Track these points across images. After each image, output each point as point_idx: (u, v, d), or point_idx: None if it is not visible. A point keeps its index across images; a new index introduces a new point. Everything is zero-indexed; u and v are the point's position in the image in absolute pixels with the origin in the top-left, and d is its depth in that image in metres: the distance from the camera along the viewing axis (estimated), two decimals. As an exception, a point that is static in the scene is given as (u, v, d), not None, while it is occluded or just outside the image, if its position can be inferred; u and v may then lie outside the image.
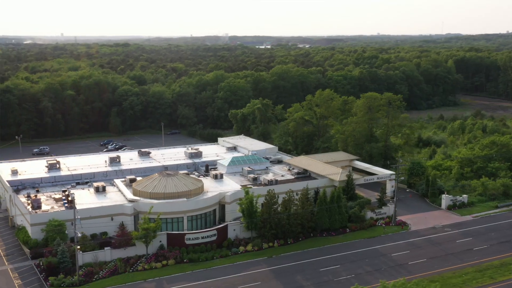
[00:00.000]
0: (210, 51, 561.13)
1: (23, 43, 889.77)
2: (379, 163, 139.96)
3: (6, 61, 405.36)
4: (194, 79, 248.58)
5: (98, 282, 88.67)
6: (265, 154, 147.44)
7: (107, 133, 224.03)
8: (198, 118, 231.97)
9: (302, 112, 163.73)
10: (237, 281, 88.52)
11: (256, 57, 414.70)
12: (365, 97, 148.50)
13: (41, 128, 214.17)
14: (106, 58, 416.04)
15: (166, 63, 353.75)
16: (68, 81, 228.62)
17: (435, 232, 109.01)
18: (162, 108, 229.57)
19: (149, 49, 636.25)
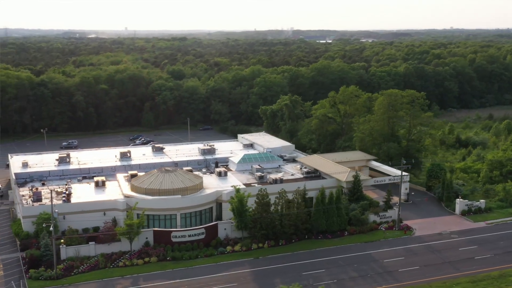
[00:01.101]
0: (266, 46, 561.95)
1: (86, 37, 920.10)
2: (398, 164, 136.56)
3: (58, 55, 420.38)
4: (231, 74, 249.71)
5: (76, 276, 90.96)
6: (281, 152, 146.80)
7: (139, 127, 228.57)
8: (232, 114, 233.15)
9: (325, 109, 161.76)
10: (212, 281, 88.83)
11: (307, 52, 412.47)
12: (385, 94, 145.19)
13: (74, 122, 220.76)
14: (156, 53, 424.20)
15: (214, 57, 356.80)
16: (103, 75, 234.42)
17: (440, 239, 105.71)
18: (196, 103, 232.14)
19: (206, 43, 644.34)
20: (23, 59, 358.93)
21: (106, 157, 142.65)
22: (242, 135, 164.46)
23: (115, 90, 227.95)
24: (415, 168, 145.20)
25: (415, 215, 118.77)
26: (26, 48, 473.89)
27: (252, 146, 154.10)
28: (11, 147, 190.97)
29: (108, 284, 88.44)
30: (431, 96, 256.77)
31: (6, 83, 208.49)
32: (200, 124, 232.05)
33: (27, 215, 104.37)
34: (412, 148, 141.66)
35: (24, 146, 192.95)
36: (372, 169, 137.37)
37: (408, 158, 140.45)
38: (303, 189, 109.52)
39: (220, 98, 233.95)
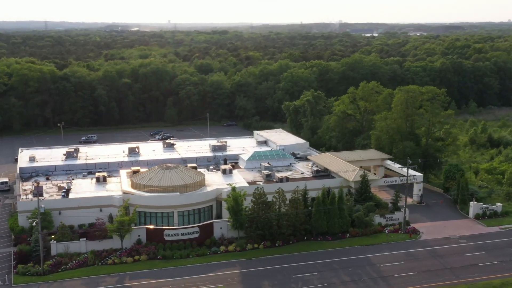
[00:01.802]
0: (307, 39, 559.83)
1: (128, 31, 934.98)
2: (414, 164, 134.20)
3: (93, 48, 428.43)
4: (258, 68, 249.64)
5: (63, 273, 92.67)
6: (294, 149, 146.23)
7: (162, 123, 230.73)
8: (258, 109, 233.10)
9: (344, 106, 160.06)
10: (199, 282, 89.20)
11: (345, 46, 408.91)
12: (402, 90, 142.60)
13: (96, 116, 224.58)
14: (190, 46, 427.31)
15: (247, 51, 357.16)
16: (127, 69, 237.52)
17: (446, 243, 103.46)
18: (220, 99, 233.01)
19: (247, 36, 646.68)
20: (56, 53, 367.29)
21: (115, 152, 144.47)
22: (258, 132, 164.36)
23: (138, 85, 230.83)
24: (435, 169, 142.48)
25: (426, 218, 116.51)
26: (62, 42, 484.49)
27: (266, 143, 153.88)
28: (31, 141, 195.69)
29: (93, 282, 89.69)
30: (469, 93, 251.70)
31: (29, 77, 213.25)
32: (225, 120, 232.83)
33: (22, 209, 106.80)
34: (432, 147, 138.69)
35: (44, 140, 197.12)
36: (388, 169, 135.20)
37: (428, 157, 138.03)
38: (303, 189, 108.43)
39: (245, 93, 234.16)
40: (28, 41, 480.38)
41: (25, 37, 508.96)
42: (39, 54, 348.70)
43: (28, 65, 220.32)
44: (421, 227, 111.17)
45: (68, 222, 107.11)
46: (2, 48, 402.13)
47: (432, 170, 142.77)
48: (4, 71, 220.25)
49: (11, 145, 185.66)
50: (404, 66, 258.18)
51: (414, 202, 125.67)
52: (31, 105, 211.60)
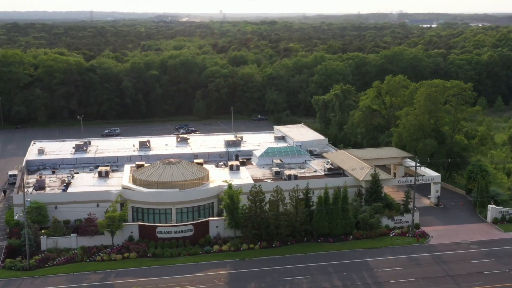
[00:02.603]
0: (358, 30, 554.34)
1: (177, 21, 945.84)
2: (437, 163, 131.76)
3: (133, 39, 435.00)
4: (291, 60, 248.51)
5: (50, 268, 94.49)
6: (312, 146, 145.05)
7: (190, 116, 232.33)
8: (290, 103, 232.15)
9: (369, 101, 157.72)
10: (184, 281, 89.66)
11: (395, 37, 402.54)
12: (425, 84, 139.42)
13: (123, 109, 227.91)
14: (232, 37, 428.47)
15: (290, 42, 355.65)
16: (156, 61, 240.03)
17: (455, 249, 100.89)
18: (250, 92, 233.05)
19: (297, 27, 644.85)
20: (93, 44, 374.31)
21: (128, 146, 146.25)
22: (277, 127, 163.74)
23: (166, 77, 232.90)
24: (462, 169, 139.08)
25: (440, 221, 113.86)
26: (103, 32, 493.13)
27: (284, 139, 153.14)
28: (54, 133, 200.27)
29: (77, 278, 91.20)
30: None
31: (54, 68, 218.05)
32: (255, 114, 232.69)
33: (18, 203, 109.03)
34: (457, 146, 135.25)
35: (68, 132, 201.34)
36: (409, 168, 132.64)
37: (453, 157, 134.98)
38: (305, 187, 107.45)
39: (276, 87, 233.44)
40: (70, 31, 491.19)
41: (67, 28, 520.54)
42: (75, 45, 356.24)
43: (55, 56, 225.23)
44: (432, 230, 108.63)
45: (64, 217, 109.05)
46: (41, 39, 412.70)
47: (459, 170, 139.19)
48: (30, 62, 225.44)
49: (34, 137, 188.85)
50: (448, 59, 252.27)
51: (431, 204, 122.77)
52: (56, 97, 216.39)
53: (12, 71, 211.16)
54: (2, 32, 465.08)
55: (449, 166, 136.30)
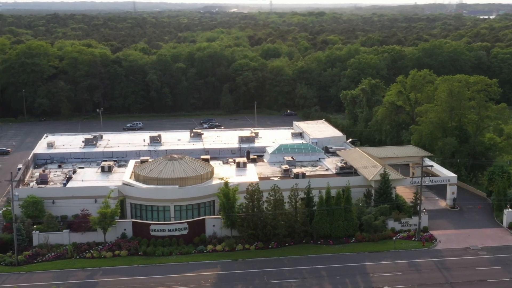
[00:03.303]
0: (409, 21, 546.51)
1: (224, 11, 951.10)
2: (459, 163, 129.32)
3: (171, 30, 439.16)
4: (324, 53, 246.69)
5: (38, 264, 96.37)
6: (328, 143, 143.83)
7: (217, 110, 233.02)
8: (320, 98, 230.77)
9: (392, 97, 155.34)
10: (169, 281, 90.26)
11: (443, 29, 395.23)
12: (446, 80, 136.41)
13: (148, 102, 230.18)
14: (274, 29, 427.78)
15: (331, 34, 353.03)
16: (184, 53, 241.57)
17: (461, 255, 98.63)
18: (280, 86, 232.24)
19: (346, 18, 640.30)
20: (128, 35, 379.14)
21: (139, 141, 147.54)
22: (296, 123, 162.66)
23: (193, 70, 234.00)
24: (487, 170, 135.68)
25: (452, 224, 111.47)
26: (143, 24, 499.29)
27: (301, 135, 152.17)
28: (76, 126, 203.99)
29: (63, 275, 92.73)
30: None
31: (79, 60, 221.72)
32: (284, 109, 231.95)
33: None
34: (480, 145, 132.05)
35: (91, 126, 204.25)
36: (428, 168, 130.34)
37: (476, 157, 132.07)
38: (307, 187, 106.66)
39: (307, 81, 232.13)
40: (109, 22, 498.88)
41: (107, 19, 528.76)
42: (111, 36, 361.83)
43: (80, 48, 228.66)
44: (442, 234, 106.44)
45: (62, 212, 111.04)
46: (79, 30, 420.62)
47: (483, 171, 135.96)
48: (55, 54, 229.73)
49: (55, 130, 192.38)
50: (491, 53, 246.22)
51: (447, 206, 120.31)
52: (80, 90, 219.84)
53: (35, 63, 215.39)
54: (41, 23, 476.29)
55: (472, 166, 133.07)
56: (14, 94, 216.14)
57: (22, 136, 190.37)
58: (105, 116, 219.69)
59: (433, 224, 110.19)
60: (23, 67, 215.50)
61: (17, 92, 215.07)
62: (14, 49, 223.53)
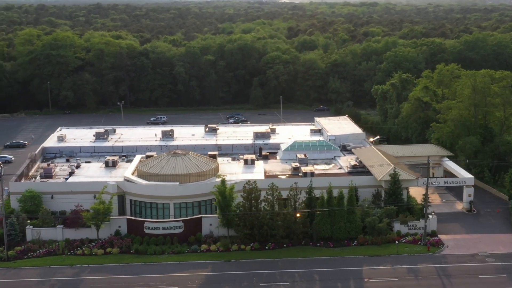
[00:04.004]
0: (466, 12, 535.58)
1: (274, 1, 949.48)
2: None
3: (213, 21, 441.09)
4: (360, 46, 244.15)
5: (28, 260, 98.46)
6: (347, 140, 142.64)
7: (247, 105, 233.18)
8: (354, 93, 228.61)
9: (419, 92, 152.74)
10: (155, 281, 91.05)
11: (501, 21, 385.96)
12: (469, 75, 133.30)
13: (175, 95, 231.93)
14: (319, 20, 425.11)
15: (373, 26, 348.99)
16: (214, 46, 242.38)
17: (467, 261, 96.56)
18: (312, 80, 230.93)
19: (399, 9, 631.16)
20: (167, 26, 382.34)
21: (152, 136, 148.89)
22: (318, 119, 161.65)
23: (222, 62, 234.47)
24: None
25: (464, 228, 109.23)
26: (184, 14, 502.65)
27: (320, 132, 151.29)
28: (99, 119, 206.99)
29: (50, 272, 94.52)
30: None
31: (105, 52, 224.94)
32: (316, 104, 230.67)
33: (14, 191, 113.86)
34: (504, 145, 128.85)
35: (114, 119, 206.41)
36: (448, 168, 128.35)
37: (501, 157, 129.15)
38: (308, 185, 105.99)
39: (340, 74, 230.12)
40: (151, 13, 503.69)
41: (150, 9, 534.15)
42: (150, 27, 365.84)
43: (107, 39, 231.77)
44: (451, 239, 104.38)
45: (60, 208, 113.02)
46: (118, 21, 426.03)
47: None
48: (82, 45, 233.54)
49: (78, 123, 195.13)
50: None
51: (463, 209, 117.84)
52: (106, 82, 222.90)
53: (61, 55, 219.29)
54: (82, 14, 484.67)
55: (497, 167, 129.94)
56: (39, 86, 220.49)
57: (43, 129, 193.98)
58: (131, 110, 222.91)
59: (443, 227, 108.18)
60: (49, 58, 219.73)
61: (42, 84, 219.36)
62: (41, 40, 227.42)
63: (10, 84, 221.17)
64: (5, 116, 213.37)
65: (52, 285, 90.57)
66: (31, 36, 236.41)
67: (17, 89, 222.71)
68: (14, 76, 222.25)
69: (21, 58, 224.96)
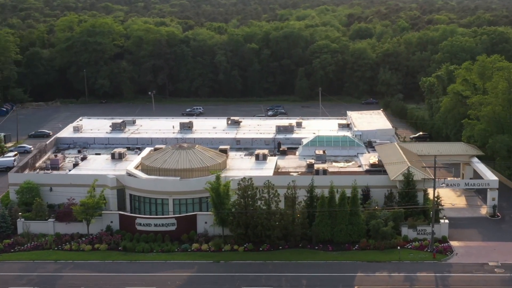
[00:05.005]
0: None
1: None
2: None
3: (276, 7, 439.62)
4: (416, 35, 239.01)
5: (14, 254, 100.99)
6: (374, 136, 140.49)
7: (292, 96, 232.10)
8: (406, 86, 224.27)
9: (458, 86, 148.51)
10: (135, 280, 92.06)
11: None
12: (504, 68, 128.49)
13: (217, 86, 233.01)
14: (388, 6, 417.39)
15: (450, 12, 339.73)
16: (260, 33, 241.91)
17: (473, 271, 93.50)
18: (361, 71, 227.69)
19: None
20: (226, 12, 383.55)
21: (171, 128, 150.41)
22: (350, 113, 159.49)
23: (267, 51, 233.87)
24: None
25: (481, 235, 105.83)
26: (247, 1, 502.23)
27: (348, 126, 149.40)
28: (133, 110, 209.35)
29: (32, 267, 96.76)
30: None
31: (143, 39, 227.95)
32: (365, 96, 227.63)
33: (13, 182, 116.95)
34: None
35: (149, 109, 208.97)
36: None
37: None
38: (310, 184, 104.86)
39: (392, 65, 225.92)
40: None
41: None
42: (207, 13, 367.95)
43: (146, 26, 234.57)
44: (463, 246, 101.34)
45: (59, 200, 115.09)
46: (177, 7, 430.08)
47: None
48: (121, 32, 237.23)
49: (112, 113, 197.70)
50: None
51: (486, 214, 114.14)
52: (144, 71, 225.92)
53: (98, 42, 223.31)
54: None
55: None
56: (76, 74, 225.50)
57: (74, 118, 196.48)
58: (169, 100, 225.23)
59: (459, 233, 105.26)
60: (85, 45, 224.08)
61: (79, 72, 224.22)
62: (80, 27, 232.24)
63: (47, 71, 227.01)
64: (40, 105, 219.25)
65: (30, 280, 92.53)
66: (72, 22, 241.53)
67: (54, 77, 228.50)
68: (51, 64, 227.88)
69: (59, 45, 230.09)
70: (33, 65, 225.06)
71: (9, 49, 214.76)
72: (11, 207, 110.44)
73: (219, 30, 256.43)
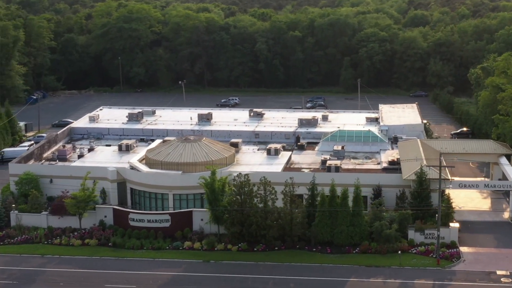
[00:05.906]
0: None
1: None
2: None
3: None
4: (472, 23, 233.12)
5: (3, 247, 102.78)
6: (402, 132, 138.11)
7: (337, 87, 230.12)
8: (458, 78, 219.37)
9: (497, 78, 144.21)
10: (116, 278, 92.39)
11: None
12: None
13: (257, 75, 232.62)
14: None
15: None
16: (304, 20, 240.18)
17: (477, 280, 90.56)
18: (411, 61, 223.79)
19: None
20: None
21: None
22: (382, 106, 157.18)
23: (311, 39, 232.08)
24: None
25: (497, 241, 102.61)
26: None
27: (377, 120, 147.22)
28: (168, 99, 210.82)
29: (18, 261, 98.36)
30: None
31: (181, 26, 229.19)
32: (415, 88, 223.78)
33: (13, 173, 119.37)
34: None
35: (181, 100, 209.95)
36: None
37: None
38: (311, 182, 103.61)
39: (444, 55, 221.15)
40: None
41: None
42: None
43: (185, 12, 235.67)
44: (472, 253, 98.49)
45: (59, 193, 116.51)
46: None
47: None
48: (158, 18, 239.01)
49: (145, 103, 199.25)
50: None
51: (508, 218, 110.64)
52: (181, 59, 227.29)
53: (133, 28, 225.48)
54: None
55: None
56: (111, 61, 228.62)
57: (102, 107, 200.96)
58: (207, 90, 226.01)
59: (471, 238, 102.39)
60: (121, 32, 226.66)
61: (114, 60, 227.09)
62: (118, 13, 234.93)
63: (82, 58, 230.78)
64: (72, 93, 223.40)
65: (10, 274, 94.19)
66: (110, 7, 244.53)
67: (89, 64, 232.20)
68: (86, 51, 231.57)
69: (95, 31, 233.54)
70: (68, 51, 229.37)
71: (42, 35, 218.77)
72: (6, 198, 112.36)
73: (263, 17, 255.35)
